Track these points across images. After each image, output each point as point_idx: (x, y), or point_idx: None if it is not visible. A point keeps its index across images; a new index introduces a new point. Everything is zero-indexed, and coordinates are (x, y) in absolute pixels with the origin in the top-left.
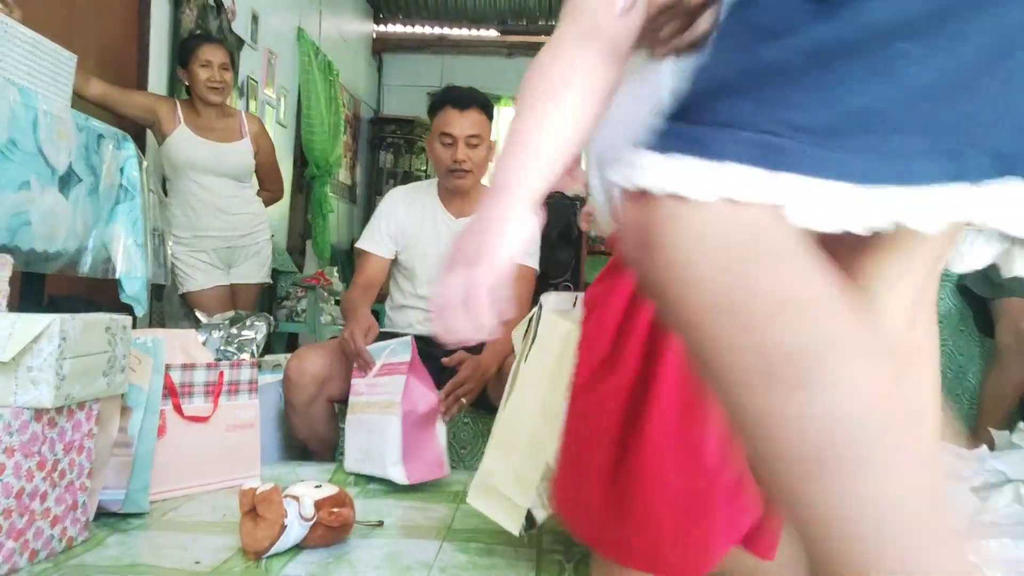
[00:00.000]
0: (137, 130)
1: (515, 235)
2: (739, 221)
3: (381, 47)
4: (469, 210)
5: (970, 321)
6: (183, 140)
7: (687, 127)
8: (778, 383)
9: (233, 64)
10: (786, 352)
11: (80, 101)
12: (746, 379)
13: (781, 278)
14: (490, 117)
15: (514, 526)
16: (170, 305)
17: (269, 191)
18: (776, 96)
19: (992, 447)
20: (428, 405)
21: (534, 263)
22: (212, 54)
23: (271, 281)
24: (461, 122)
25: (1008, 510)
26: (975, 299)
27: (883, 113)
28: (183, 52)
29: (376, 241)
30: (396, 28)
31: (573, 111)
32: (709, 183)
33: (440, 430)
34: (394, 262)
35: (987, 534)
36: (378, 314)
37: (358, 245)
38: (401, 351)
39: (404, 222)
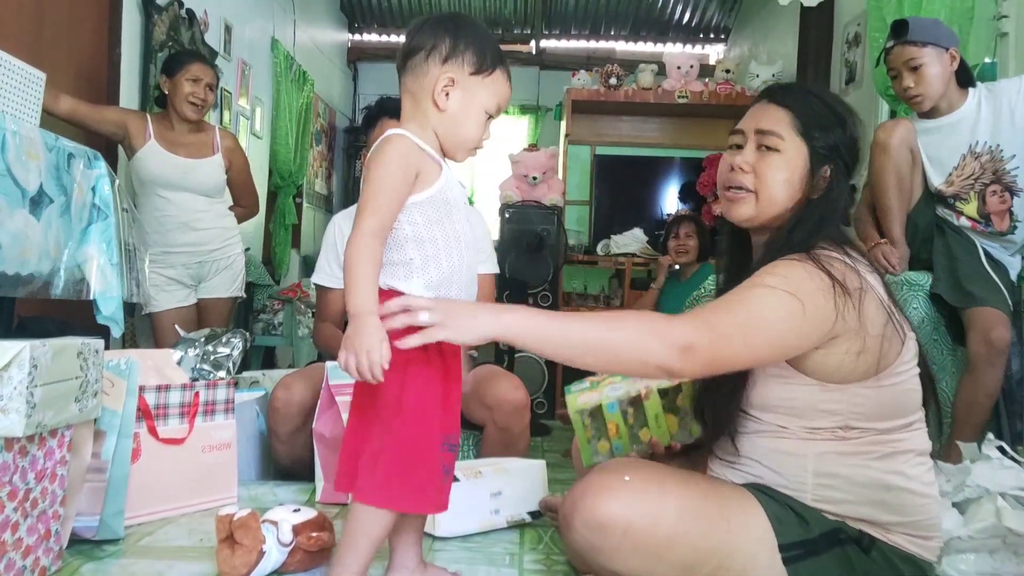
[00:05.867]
0: (107, 146)
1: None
2: None
3: (356, 56)
4: None
5: (942, 330)
6: (151, 156)
7: None
8: None
9: (216, 88)
10: None
11: (49, 119)
12: None
13: None
14: None
15: None
16: (140, 322)
17: (243, 207)
18: None
19: (959, 461)
20: None
21: (492, 268)
22: (203, 72)
23: (244, 295)
24: None
25: (984, 524)
26: (946, 308)
27: None
28: (171, 62)
29: (329, 274)
30: (371, 37)
31: None
32: None
33: None
34: None
35: (965, 548)
36: None
37: (313, 281)
38: None
39: None
